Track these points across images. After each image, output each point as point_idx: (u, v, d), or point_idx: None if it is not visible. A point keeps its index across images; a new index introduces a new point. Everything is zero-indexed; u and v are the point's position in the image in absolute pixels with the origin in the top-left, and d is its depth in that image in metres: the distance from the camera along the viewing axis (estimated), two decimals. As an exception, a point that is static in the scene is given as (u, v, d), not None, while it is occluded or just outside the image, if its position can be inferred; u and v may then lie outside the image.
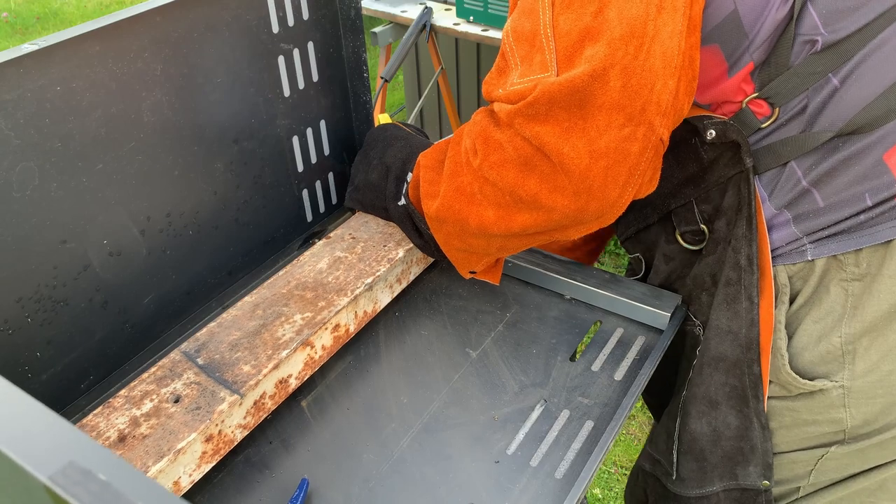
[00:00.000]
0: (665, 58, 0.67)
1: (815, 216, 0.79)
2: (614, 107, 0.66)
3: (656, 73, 0.67)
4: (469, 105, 2.86)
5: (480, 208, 0.77)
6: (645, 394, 1.06)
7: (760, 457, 0.89)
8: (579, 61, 0.66)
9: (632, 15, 0.66)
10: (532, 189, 0.71)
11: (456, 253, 0.88)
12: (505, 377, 0.87)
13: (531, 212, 0.73)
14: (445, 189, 0.81)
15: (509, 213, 0.75)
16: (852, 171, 0.76)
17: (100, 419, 0.71)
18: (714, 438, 0.89)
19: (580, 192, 0.69)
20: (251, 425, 0.78)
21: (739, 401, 0.87)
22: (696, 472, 0.93)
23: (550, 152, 0.68)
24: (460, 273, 0.93)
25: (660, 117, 0.68)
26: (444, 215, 0.82)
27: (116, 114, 0.74)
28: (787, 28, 0.74)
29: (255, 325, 0.82)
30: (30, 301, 0.73)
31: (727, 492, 0.92)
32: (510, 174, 0.72)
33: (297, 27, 0.91)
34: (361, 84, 1.03)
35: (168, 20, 0.76)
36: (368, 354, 0.91)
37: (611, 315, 0.95)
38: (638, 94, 0.66)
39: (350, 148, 1.08)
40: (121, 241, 0.79)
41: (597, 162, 0.67)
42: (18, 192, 0.68)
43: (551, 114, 0.67)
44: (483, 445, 0.79)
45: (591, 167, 0.67)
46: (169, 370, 0.77)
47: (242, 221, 0.95)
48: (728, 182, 0.83)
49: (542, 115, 0.67)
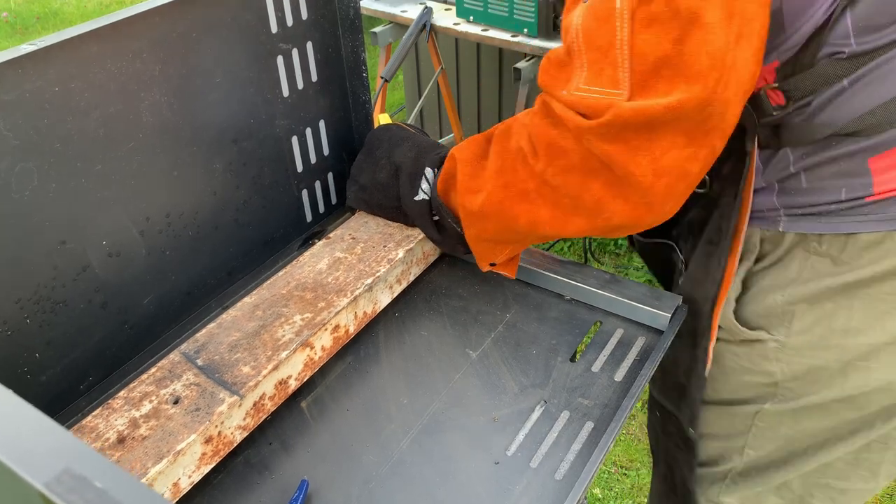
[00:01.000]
0: (738, 85, 0.67)
1: (796, 195, 0.84)
2: (681, 132, 0.67)
3: (729, 102, 0.67)
4: (469, 105, 2.86)
5: (534, 207, 0.78)
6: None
7: (690, 404, 1.00)
8: (655, 90, 0.66)
9: (714, 48, 0.64)
10: (596, 195, 0.72)
11: (483, 244, 0.88)
12: (505, 378, 0.87)
13: (589, 217, 0.75)
14: (493, 185, 0.81)
15: (566, 215, 0.77)
16: (837, 166, 0.80)
17: (99, 420, 0.71)
18: (674, 362, 1.01)
19: (640, 204, 0.71)
20: (251, 426, 0.77)
21: (692, 341, 0.96)
22: (660, 381, 1.08)
23: (617, 168, 0.69)
24: (479, 265, 0.92)
25: (722, 141, 0.70)
26: (489, 211, 0.82)
27: (115, 114, 0.74)
28: (821, 33, 0.75)
29: (255, 326, 0.82)
30: (29, 302, 0.72)
31: (675, 417, 1.05)
32: (575, 180, 0.73)
33: (296, 27, 0.91)
34: (361, 84, 1.03)
35: (167, 20, 0.76)
36: (368, 355, 0.91)
37: (611, 316, 0.95)
38: (708, 122, 0.67)
39: (349, 148, 1.08)
40: (120, 241, 0.79)
41: (659, 179, 0.69)
42: (17, 192, 0.68)
43: (621, 135, 0.68)
44: (483, 446, 0.79)
45: (654, 184, 0.69)
46: (168, 371, 0.77)
47: (242, 222, 0.95)
48: (729, 156, 0.86)
49: (612, 136, 0.68)
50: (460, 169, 0.86)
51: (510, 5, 1.98)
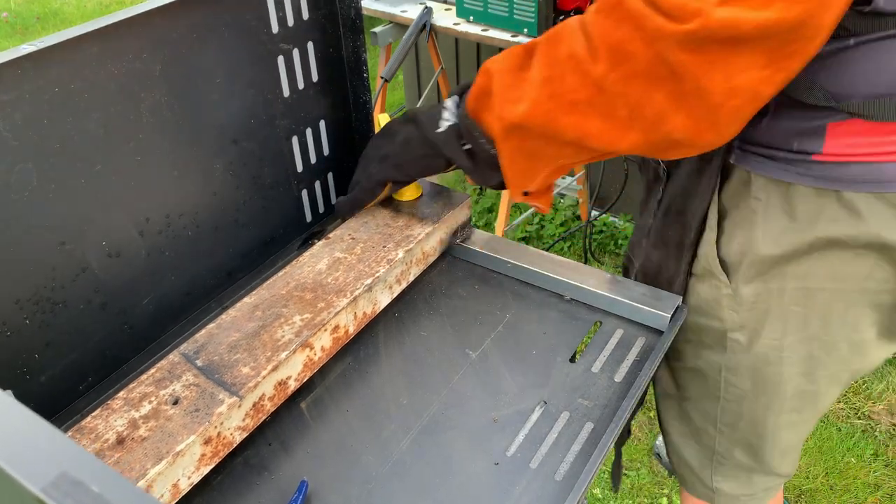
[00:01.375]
0: (837, 9, 0.62)
1: (754, 131, 0.83)
2: (764, 52, 0.62)
3: (822, 28, 0.62)
4: (469, 105, 2.86)
5: (585, 119, 0.72)
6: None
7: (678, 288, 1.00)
8: (750, 0, 0.60)
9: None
10: (658, 106, 0.67)
11: (519, 164, 0.81)
12: (504, 378, 0.87)
13: (647, 131, 0.70)
14: (538, 94, 0.74)
15: (621, 128, 0.71)
16: (799, 122, 0.80)
17: (98, 421, 0.71)
18: (658, 269, 1.03)
19: (704, 121, 0.67)
20: (250, 427, 0.77)
21: (678, 248, 0.98)
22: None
23: (688, 80, 0.64)
24: (512, 194, 0.87)
25: (801, 66, 0.65)
26: (531, 122, 0.75)
27: (115, 114, 0.74)
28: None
29: (255, 327, 0.82)
30: (28, 303, 0.72)
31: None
32: (637, 89, 0.67)
33: (297, 27, 0.91)
34: (361, 84, 1.03)
35: (167, 21, 0.76)
36: (368, 356, 0.91)
37: (611, 316, 0.95)
38: (794, 44, 0.62)
39: (350, 148, 1.08)
40: (119, 242, 0.79)
41: (730, 100, 0.64)
42: (16, 193, 0.68)
43: (702, 46, 0.62)
44: (482, 447, 0.79)
45: (723, 104, 0.65)
46: (168, 372, 0.77)
47: (242, 222, 0.95)
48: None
49: (693, 46, 0.62)
50: (497, 80, 0.78)
51: (510, 5, 1.98)
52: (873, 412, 2.02)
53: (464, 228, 1.06)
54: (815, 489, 1.84)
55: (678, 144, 0.70)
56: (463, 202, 1.03)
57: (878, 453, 1.92)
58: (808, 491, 1.84)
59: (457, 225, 1.04)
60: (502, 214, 2.29)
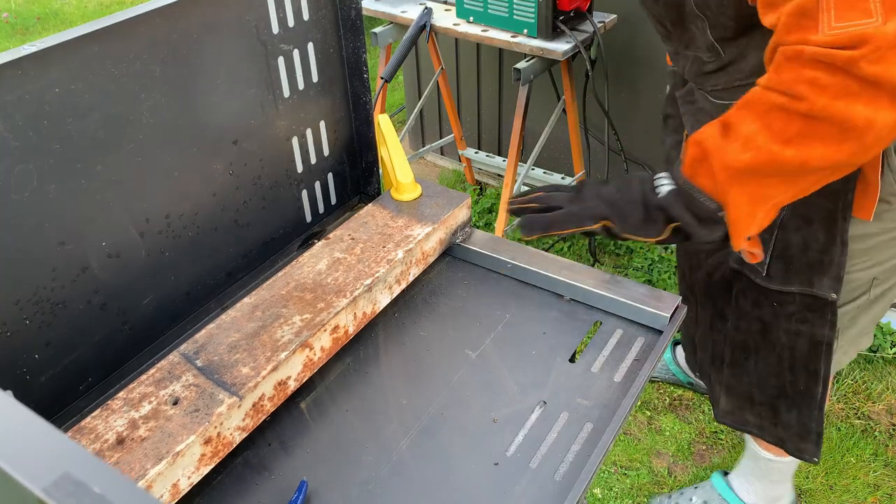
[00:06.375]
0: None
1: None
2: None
3: None
4: (469, 105, 2.86)
5: (803, 148, 0.85)
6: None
7: (835, 270, 1.21)
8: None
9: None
10: (862, 113, 0.81)
11: (743, 208, 0.92)
12: (504, 378, 0.87)
13: (860, 137, 0.83)
14: (757, 141, 0.87)
15: (837, 143, 0.84)
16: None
17: (98, 421, 0.71)
18: (803, 248, 1.21)
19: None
20: (250, 427, 0.77)
21: (830, 221, 1.16)
22: (783, 272, 1.26)
23: (885, 84, 0.79)
24: (734, 241, 0.95)
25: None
26: (757, 163, 0.88)
27: (115, 115, 0.74)
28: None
29: (254, 327, 0.82)
30: (28, 303, 0.72)
31: (802, 295, 1.26)
32: (841, 107, 0.81)
33: (297, 28, 0.91)
34: (361, 85, 1.03)
35: (167, 21, 0.76)
36: (367, 356, 0.91)
37: (610, 316, 0.95)
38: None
39: (350, 148, 1.08)
40: (119, 242, 0.79)
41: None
42: (17, 193, 0.68)
43: (886, 55, 0.78)
44: (482, 447, 0.79)
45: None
46: (168, 372, 0.77)
47: (242, 222, 0.95)
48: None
49: (878, 58, 0.78)
50: (710, 145, 0.91)
51: (510, 6, 1.98)
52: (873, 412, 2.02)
53: (464, 228, 1.06)
54: (815, 489, 1.84)
55: (888, 137, 0.83)
56: (463, 202, 1.03)
57: (877, 453, 1.92)
58: (807, 491, 1.84)
59: (457, 225, 1.04)
60: (502, 214, 2.29)
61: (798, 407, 1.43)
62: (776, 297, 1.31)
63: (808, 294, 1.26)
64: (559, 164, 2.69)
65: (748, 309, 1.38)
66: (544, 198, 1.00)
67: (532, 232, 0.97)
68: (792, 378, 1.40)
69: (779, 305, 1.32)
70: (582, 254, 2.60)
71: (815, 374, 1.36)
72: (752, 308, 1.37)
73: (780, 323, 1.34)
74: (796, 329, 1.32)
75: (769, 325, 1.36)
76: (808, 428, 1.45)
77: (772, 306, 1.33)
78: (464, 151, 2.81)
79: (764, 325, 1.37)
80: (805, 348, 1.35)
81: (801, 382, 1.39)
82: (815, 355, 1.34)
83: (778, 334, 1.35)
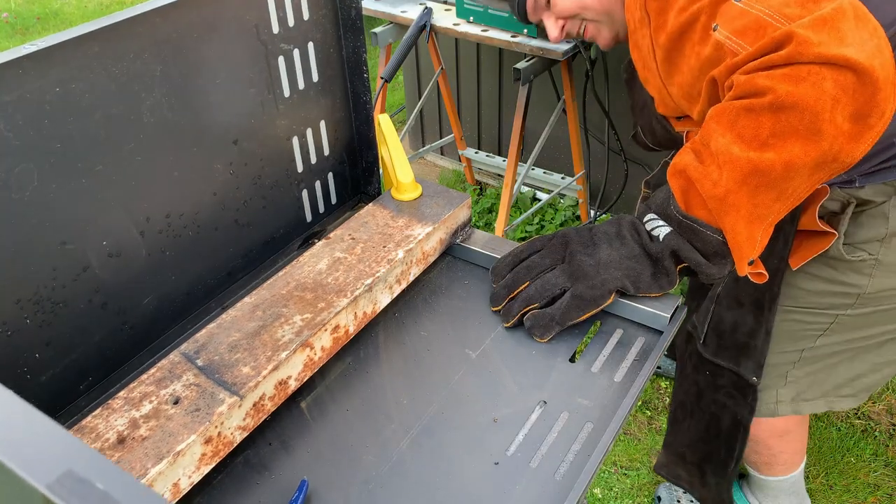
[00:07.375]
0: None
1: (864, 159, 0.93)
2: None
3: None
4: (469, 105, 2.86)
5: (781, 149, 0.83)
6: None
7: (758, 356, 1.26)
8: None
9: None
10: (828, 90, 0.80)
11: (741, 230, 0.89)
12: (504, 378, 0.87)
13: (828, 122, 0.81)
14: (734, 152, 0.86)
15: (814, 136, 0.82)
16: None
17: (99, 421, 0.71)
18: (733, 327, 1.27)
19: (868, 84, 0.81)
20: (251, 427, 0.77)
21: (758, 308, 1.22)
22: (715, 345, 1.32)
23: (838, 61, 0.80)
24: (739, 267, 0.92)
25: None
26: (740, 178, 0.86)
27: (116, 115, 0.74)
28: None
29: (255, 327, 0.82)
30: (29, 302, 0.72)
31: (730, 372, 1.31)
32: (805, 90, 0.81)
33: (298, 27, 0.91)
34: (361, 84, 1.03)
35: (168, 21, 0.76)
36: (368, 355, 0.91)
37: (610, 316, 0.95)
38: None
39: (350, 148, 1.08)
40: (120, 242, 0.79)
41: (873, 60, 0.81)
42: (17, 193, 0.68)
43: (816, 39, 0.81)
44: (482, 447, 0.79)
45: (872, 65, 0.81)
46: (168, 371, 0.77)
47: (242, 222, 0.95)
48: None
49: (815, 43, 0.81)
50: (692, 171, 0.90)
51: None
52: (873, 412, 2.03)
53: (464, 228, 1.06)
54: (815, 489, 1.84)
55: (869, 114, 0.82)
56: (463, 202, 1.03)
57: (877, 453, 1.92)
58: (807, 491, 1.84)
59: (457, 225, 1.04)
60: (502, 214, 2.29)
61: (718, 475, 1.48)
62: (711, 366, 1.35)
63: (734, 372, 1.31)
64: (559, 164, 2.69)
65: (689, 371, 1.42)
66: (539, 288, 0.92)
67: (548, 332, 0.90)
68: (716, 447, 1.45)
69: (711, 376, 1.36)
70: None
71: (731, 450, 1.41)
72: (692, 371, 1.41)
73: (711, 393, 1.38)
74: (723, 402, 1.37)
75: (703, 392, 1.40)
76: (722, 499, 1.52)
77: (706, 374, 1.37)
78: (464, 151, 2.81)
79: (699, 391, 1.41)
80: (728, 423, 1.39)
81: (722, 453, 1.45)
82: (734, 432, 1.39)
83: (709, 403, 1.40)
